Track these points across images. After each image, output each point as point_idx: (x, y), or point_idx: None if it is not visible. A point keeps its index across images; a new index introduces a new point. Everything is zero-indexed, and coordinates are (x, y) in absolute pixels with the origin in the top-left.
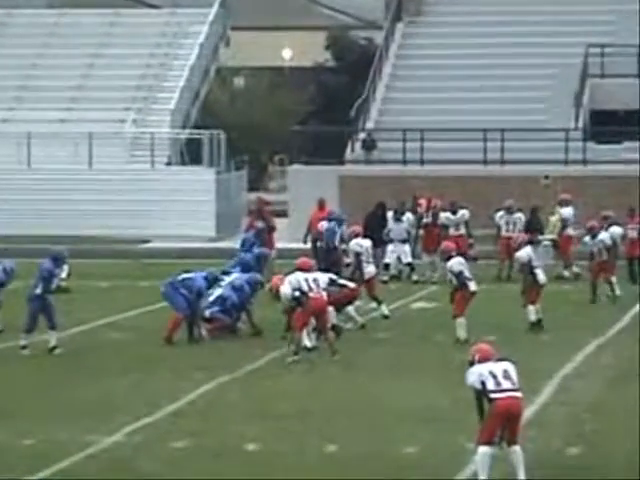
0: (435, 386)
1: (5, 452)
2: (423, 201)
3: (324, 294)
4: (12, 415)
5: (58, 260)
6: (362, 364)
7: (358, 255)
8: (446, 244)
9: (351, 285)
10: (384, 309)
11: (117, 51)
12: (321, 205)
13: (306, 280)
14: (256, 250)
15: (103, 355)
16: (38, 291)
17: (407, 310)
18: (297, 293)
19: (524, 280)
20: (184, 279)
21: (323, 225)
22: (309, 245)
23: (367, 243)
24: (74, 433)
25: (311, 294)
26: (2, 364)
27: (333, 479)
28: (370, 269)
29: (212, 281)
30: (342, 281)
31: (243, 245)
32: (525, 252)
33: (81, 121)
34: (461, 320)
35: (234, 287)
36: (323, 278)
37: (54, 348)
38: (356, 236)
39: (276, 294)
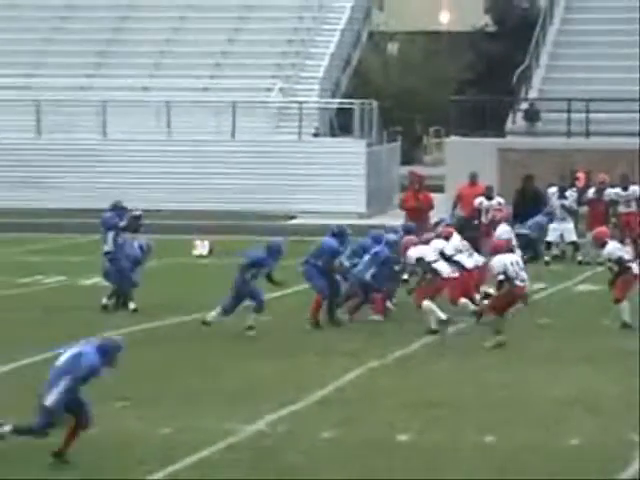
0: (602, 374)
1: (139, 443)
2: (581, 175)
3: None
4: (148, 403)
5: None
6: (522, 351)
7: None
8: (598, 231)
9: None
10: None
11: (263, 15)
12: (473, 179)
13: (512, 264)
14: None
15: (245, 339)
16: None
17: (571, 293)
18: (501, 277)
19: None
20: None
21: (482, 202)
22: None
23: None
24: (214, 421)
25: (517, 282)
26: (141, 347)
27: (490, 472)
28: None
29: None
30: None
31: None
32: None
33: (224, 90)
34: (624, 304)
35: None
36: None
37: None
38: None
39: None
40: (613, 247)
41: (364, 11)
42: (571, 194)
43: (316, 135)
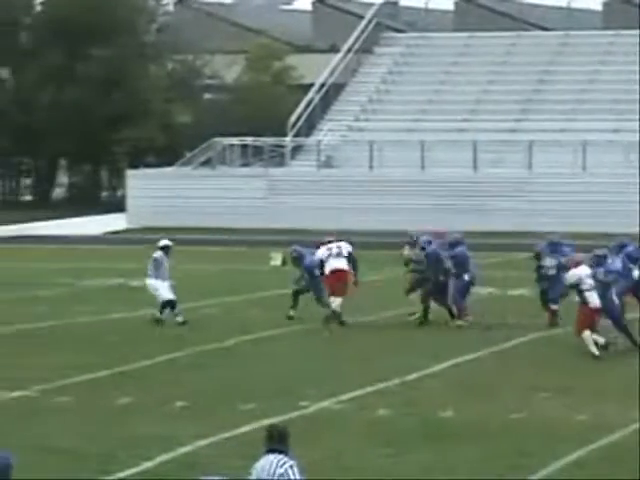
0: None
1: (560, 426)
2: None
3: None
4: (565, 393)
5: None
6: None
7: None
8: None
9: None
10: None
11: (616, 68)
12: None
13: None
14: None
15: None
16: None
17: None
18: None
19: None
20: None
21: None
22: None
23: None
24: (625, 409)
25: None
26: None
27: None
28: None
29: None
30: None
31: None
32: None
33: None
34: None
35: None
36: None
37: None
38: None
39: None
40: None
41: None
42: None
43: None
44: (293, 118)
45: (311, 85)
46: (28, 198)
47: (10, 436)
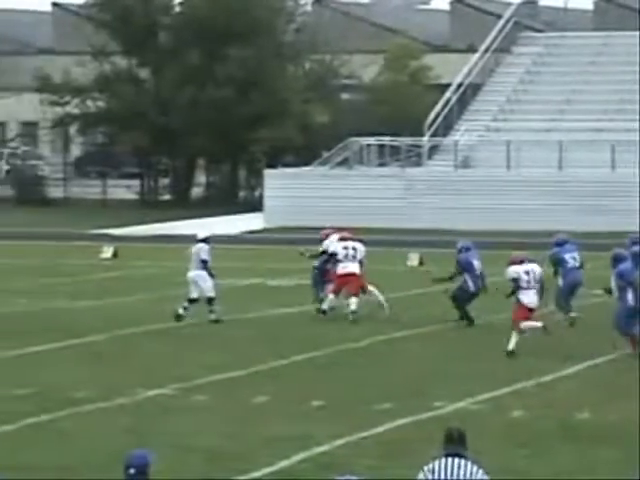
0: None
1: None
2: None
3: None
4: None
5: None
6: None
7: None
8: None
9: None
10: None
11: None
12: None
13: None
14: None
15: None
16: None
17: None
18: None
19: None
20: None
21: None
22: None
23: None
24: None
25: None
26: None
27: None
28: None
29: None
30: None
31: None
32: None
33: None
34: None
35: None
36: None
37: None
38: None
39: None
40: None
41: None
42: None
43: None
44: (430, 118)
45: (448, 85)
46: (167, 197)
47: (148, 434)
